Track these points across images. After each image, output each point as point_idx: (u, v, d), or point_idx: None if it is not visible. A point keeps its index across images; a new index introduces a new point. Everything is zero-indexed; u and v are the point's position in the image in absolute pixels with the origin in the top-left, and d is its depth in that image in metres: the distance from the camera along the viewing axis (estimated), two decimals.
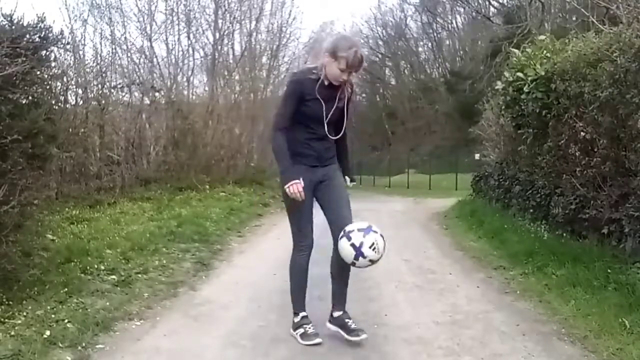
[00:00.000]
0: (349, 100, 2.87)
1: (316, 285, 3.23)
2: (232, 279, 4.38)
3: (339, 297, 2.94)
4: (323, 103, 2.75)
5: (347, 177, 3.03)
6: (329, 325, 2.93)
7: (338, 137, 2.88)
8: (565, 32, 7.13)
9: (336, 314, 2.92)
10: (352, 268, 2.82)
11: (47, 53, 3.76)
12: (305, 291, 2.97)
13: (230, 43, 15.41)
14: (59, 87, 6.95)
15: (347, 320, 2.87)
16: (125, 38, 11.73)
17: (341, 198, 2.90)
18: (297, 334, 2.87)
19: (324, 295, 3.20)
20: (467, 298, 3.76)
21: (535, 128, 4.97)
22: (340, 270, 2.88)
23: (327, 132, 2.82)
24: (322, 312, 3.02)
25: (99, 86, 9.62)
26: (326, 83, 2.75)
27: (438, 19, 32.18)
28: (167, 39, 13.18)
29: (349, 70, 2.69)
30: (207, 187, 10.97)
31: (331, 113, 2.79)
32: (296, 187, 2.71)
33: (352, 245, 2.64)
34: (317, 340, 2.79)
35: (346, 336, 2.81)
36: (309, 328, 2.86)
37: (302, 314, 2.93)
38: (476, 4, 26.03)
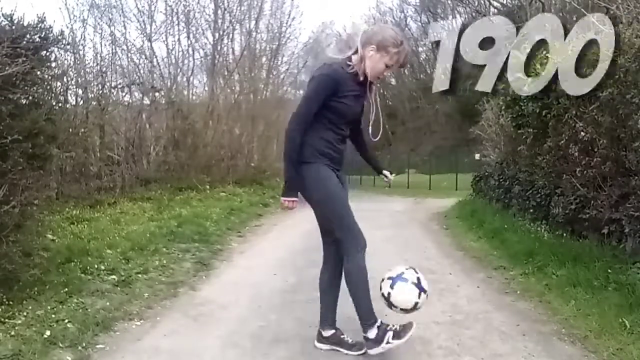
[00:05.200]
0: (375, 95, 2.69)
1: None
2: (232, 279, 4.38)
3: (331, 314, 2.75)
4: (370, 101, 2.59)
5: (386, 172, 2.90)
6: (319, 345, 2.74)
7: (377, 138, 2.67)
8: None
9: (327, 332, 2.73)
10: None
11: (48, 53, 3.77)
12: None
13: (230, 43, 15.44)
14: (59, 87, 6.96)
15: (342, 336, 2.71)
16: (125, 38, 11.76)
17: None
18: (387, 339, 2.50)
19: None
20: (467, 298, 3.75)
21: (535, 128, 4.97)
22: (330, 286, 2.73)
23: (370, 133, 2.67)
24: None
25: (99, 86, 9.65)
26: (361, 78, 2.53)
27: (438, 19, 32.17)
28: (167, 39, 13.21)
29: (396, 67, 2.51)
30: (207, 187, 10.98)
31: (375, 112, 2.63)
32: (292, 205, 2.55)
33: (414, 284, 2.50)
34: (411, 330, 2.51)
35: (347, 352, 2.65)
36: (393, 326, 2.54)
37: (379, 321, 2.56)
38: (476, 4, 26.04)
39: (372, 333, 2.53)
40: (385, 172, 2.90)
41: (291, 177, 2.53)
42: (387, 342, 2.50)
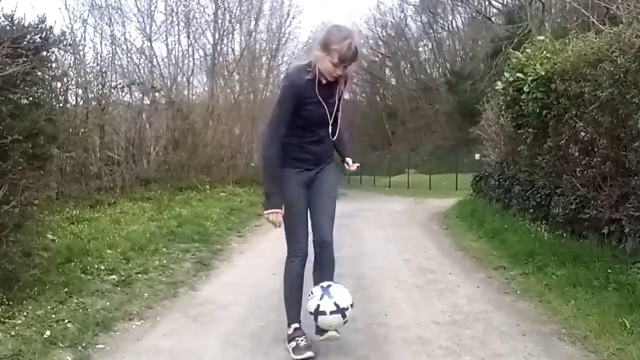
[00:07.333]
0: (341, 93, 2.67)
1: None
2: (232, 279, 4.38)
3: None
4: (325, 104, 2.58)
5: (348, 159, 2.88)
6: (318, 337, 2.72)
7: (335, 137, 2.70)
8: (565, 32, 7.13)
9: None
10: (335, 269, 2.78)
11: (48, 54, 3.77)
12: (300, 301, 2.75)
13: (230, 43, 15.46)
14: (59, 88, 6.97)
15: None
16: (125, 38, 11.78)
17: (325, 202, 2.74)
18: (289, 347, 2.67)
19: None
20: (467, 298, 3.75)
21: (535, 128, 4.97)
22: (321, 278, 2.73)
23: (330, 134, 2.67)
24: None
25: (99, 86, 9.67)
26: (323, 81, 2.55)
27: (438, 19, 32.16)
28: (167, 39, 13.26)
29: (342, 64, 2.48)
30: (208, 187, 10.98)
31: (334, 113, 2.62)
32: (276, 217, 2.58)
33: (333, 313, 2.52)
34: (309, 353, 2.59)
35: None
36: (301, 341, 2.65)
37: (295, 325, 2.71)
38: (477, 4, 26.04)
39: (289, 331, 2.72)
40: (347, 159, 2.91)
41: (269, 191, 2.62)
42: (290, 348, 2.66)
